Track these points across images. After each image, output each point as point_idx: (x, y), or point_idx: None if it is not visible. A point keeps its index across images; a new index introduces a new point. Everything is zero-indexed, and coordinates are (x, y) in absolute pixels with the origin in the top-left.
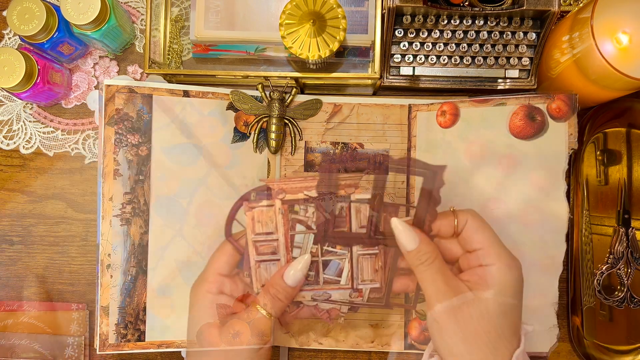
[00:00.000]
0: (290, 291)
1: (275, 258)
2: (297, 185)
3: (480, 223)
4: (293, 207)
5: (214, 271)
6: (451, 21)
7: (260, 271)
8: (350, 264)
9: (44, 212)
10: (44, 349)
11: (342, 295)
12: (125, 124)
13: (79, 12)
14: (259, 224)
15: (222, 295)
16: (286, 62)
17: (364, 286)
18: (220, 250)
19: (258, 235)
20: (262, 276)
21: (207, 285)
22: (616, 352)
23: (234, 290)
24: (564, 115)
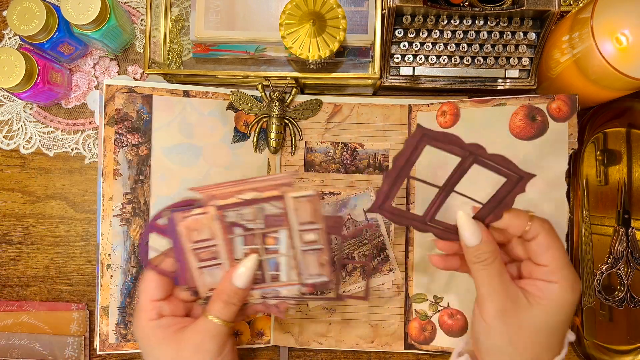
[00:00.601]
0: (242, 293)
1: (218, 262)
2: (228, 190)
3: (552, 240)
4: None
5: (147, 299)
6: (451, 21)
7: (204, 277)
8: (295, 260)
9: (44, 212)
10: (44, 349)
11: (291, 291)
12: (125, 124)
13: (79, 12)
14: (194, 232)
15: (164, 318)
16: (286, 62)
17: (312, 281)
18: (146, 280)
19: (196, 243)
20: (207, 282)
21: (145, 315)
22: (616, 352)
23: (174, 310)
24: (564, 115)
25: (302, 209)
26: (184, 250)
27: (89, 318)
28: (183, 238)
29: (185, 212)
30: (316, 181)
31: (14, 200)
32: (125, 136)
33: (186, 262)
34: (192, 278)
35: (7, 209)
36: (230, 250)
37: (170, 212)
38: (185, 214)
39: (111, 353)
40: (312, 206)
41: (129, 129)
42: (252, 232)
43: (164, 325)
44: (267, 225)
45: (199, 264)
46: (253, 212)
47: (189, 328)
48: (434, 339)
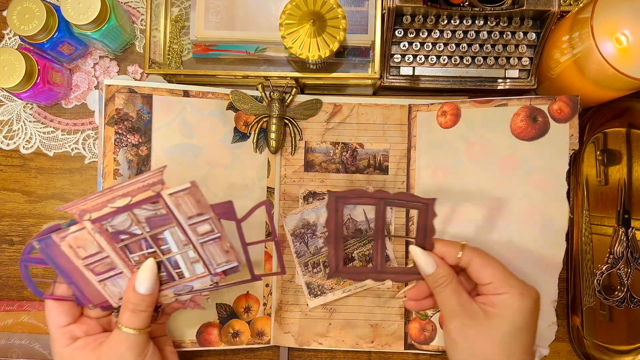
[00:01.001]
0: (148, 299)
1: (118, 272)
2: (97, 202)
3: (486, 259)
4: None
5: (55, 327)
6: (451, 21)
7: (109, 289)
8: (197, 253)
9: (44, 212)
10: (44, 349)
11: (204, 283)
12: (125, 124)
13: (79, 12)
14: (80, 249)
15: (79, 340)
16: (286, 62)
17: (221, 269)
18: (47, 309)
19: (86, 259)
20: (114, 292)
21: (59, 342)
22: (616, 352)
23: (88, 330)
24: (565, 116)
25: (184, 203)
26: (76, 269)
27: None
28: (72, 257)
29: (62, 231)
30: (316, 181)
31: (14, 200)
32: (125, 136)
33: (83, 280)
34: (95, 293)
35: (7, 209)
36: (126, 258)
37: (39, 241)
38: (62, 234)
39: None
40: (193, 198)
41: (129, 129)
42: (141, 236)
43: (81, 347)
44: (153, 227)
45: (98, 278)
46: (133, 217)
47: (105, 343)
48: (434, 339)
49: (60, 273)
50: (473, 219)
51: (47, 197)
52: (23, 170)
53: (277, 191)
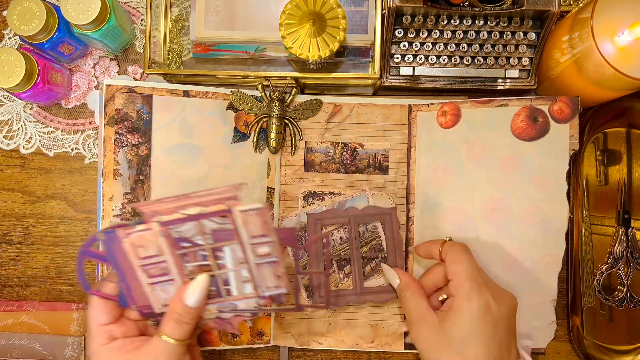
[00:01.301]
0: (194, 312)
1: (169, 278)
2: (170, 206)
3: (455, 256)
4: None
5: (95, 325)
6: (451, 21)
7: (156, 293)
8: (250, 273)
9: (44, 212)
10: (44, 349)
11: (248, 304)
12: (125, 124)
13: (79, 12)
14: (140, 248)
15: (117, 341)
16: (286, 62)
17: (269, 293)
18: (90, 306)
19: (144, 260)
20: (160, 298)
21: (97, 340)
22: (616, 352)
23: (126, 331)
24: (565, 117)
25: (251, 222)
26: (131, 267)
27: None
28: (129, 255)
29: (129, 228)
30: (316, 181)
31: (14, 200)
32: (125, 136)
33: (134, 280)
34: (142, 295)
35: (7, 209)
36: (181, 266)
37: (105, 233)
38: (128, 231)
39: None
40: (261, 219)
41: (129, 129)
42: (202, 247)
43: (118, 348)
44: (216, 240)
45: (150, 280)
46: (200, 227)
47: (144, 347)
48: None
49: (115, 268)
50: (473, 219)
51: (47, 197)
52: (23, 170)
53: (277, 191)
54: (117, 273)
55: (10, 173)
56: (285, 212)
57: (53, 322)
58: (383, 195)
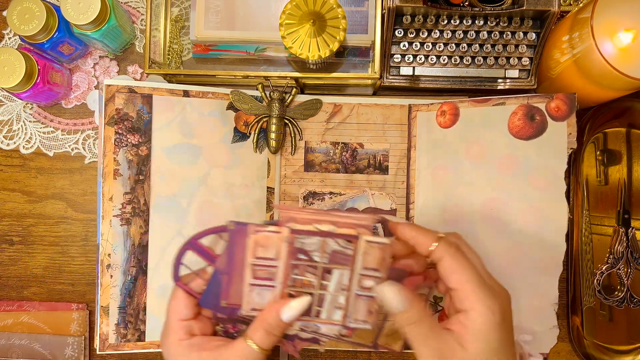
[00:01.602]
0: (285, 327)
1: (271, 284)
2: (307, 217)
3: (456, 263)
4: (301, 237)
5: (176, 319)
6: (451, 21)
7: (252, 295)
8: (346, 301)
9: (44, 212)
10: (44, 349)
11: (331, 330)
12: (125, 124)
13: (79, 12)
14: (261, 248)
15: (196, 338)
16: (286, 62)
17: (356, 326)
18: (174, 298)
19: (258, 259)
20: (253, 300)
21: (175, 335)
22: (616, 352)
23: (203, 329)
24: (563, 115)
25: (371, 254)
26: (241, 263)
27: (89, 318)
28: (248, 252)
29: (260, 226)
30: (316, 181)
31: (14, 200)
32: (125, 136)
33: (238, 276)
34: (238, 293)
35: (7, 209)
36: (287, 276)
37: (236, 224)
38: (258, 228)
39: (111, 353)
40: (381, 254)
41: (129, 129)
42: (315, 264)
43: (196, 345)
44: (331, 261)
45: (252, 281)
46: (324, 244)
47: (225, 349)
48: None
49: (227, 260)
50: (472, 219)
51: (47, 197)
52: (23, 170)
53: (277, 191)
54: (227, 264)
55: (10, 173)
56: None
57: (53, 322)
58: (383, 195)
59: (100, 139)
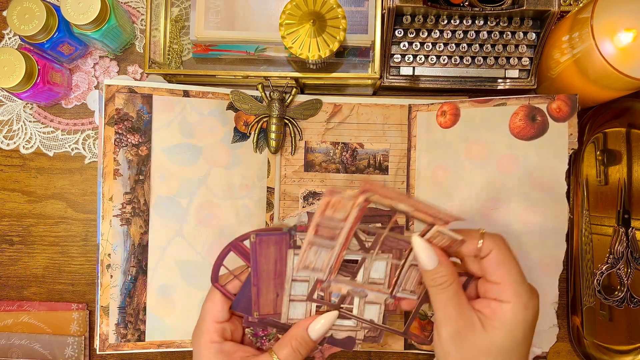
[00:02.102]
0: (312, 345)
1: (330, 245)
2: (389, 194)
3: (505, 256)
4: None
5: (211, 320)
6: (451, 21)
7: (308, 254)
8: (400, 269)
9: (44, 212)
10: (44, 349)
11: (378, 298)
12: (125, 124)
13: (79, 12)
14: (331, 209)
15: (227, 342)
16: (286, 62)
17: (403, 295)
18: (211, 299)
19: (324, 219)
20: (308, 259)
21: (208, 336)
22: (616, 352)
23: (234, 332)
24: (564, 115)
25: (438, 241)
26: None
27: (89, 318)
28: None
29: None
30: (316, 181)
31: (14, 200)
32: (125, 136)
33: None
34: (269, 303)
35: (7, 209)
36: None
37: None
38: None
39: (111, 353)
40: (447, 245)
41: (129, 129)
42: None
43: (225, 352)
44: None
45: (313, 239)
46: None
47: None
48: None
49: (253, 271)
50: (472, 219)
51: (47, 197)
52: (23, 170)
53: (277, 191)
54: (254, 275)
55: (10, 173)
56: (285, 212)
57: (53, 322)
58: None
59: (100, 139)
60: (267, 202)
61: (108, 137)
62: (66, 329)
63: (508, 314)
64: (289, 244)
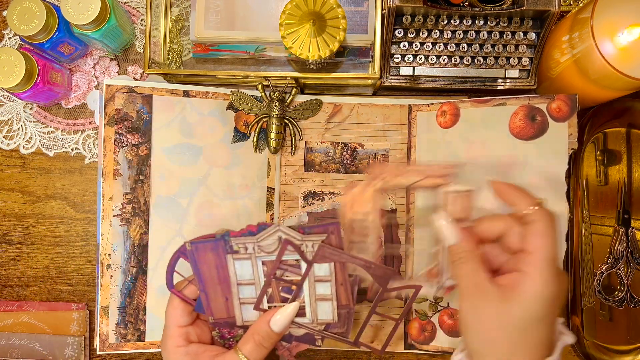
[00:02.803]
0: (276, 338)
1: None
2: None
3: (548, 230)
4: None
5: (174, 325)
6: (451, 21)
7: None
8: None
9: (44, 212)
10: (44, 349)
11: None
12: (125, 124)
13: (79, 12)
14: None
15: (192, 346)
16: (286, 62)
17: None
18: (171, 304)
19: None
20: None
21: (173, 341)
22: (616, 352)
23: (201, 335)
24: (564, 115)
25: (456, 204)
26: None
27: (89, 318)
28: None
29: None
30: (316, 181)
31: (14, 200)
32: (125, 136)
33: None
34: (220, 307)
35: (7, 209)
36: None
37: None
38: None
39: (111, 353)
40: (465, 203)
41: (129, 129)
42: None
43: (192, 353)
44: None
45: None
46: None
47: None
48: (434, 339)
49: (197, 278)
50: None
51: (47, 197)
52: (23, 170)
53: (277, 191)
54: (198, 281)
55: (10, 173)
56: (285, 212)
57: (53, 322)
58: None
59: (100, 139)
60: (267, 202)
61: (108, 137)
62: (66, 329)
63: (527, 286)
64: (225, 249)
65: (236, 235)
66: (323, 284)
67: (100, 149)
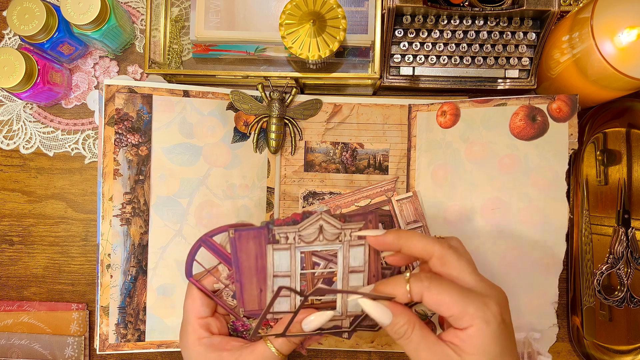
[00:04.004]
0: (304, 336)
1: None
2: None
3: (436, 291)
4: None
5: (195, 317)
6: (451, 21)
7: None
8: None
9: (44, 212)
10: (44, 349)
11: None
12: (125, 124)
13: (79, 12)
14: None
15: (215, 337)
16: (286, 62)
17: None
18: (190, 297)
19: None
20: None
21: (195, 334)
22: (616, 352)
23: (219, 326)
24: (564, 115)
25: (405, 209)
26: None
27: (89, 318)
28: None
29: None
30: (316, 181)
31: (14, 200)
32: (125, 136)
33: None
34: (253, 299)
35: (7, 209)
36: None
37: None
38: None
39: (111, 353)
40: (412, 206)
41: (129, 129)
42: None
43: (216, 345)
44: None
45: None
46: None
47: (246, 350)
48: None
49: (235, 267)
50: (472, 219)
51: (47, 197)
52: (23, 170)
53: (277, 191)
54: (236, 272)
55: (10, 173)
56: (285, 212)
57: (53, 322)
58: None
59: (100, 139)
60: (267, 202)
61: (108, 137)
62: (66, 329)
63: (475, 339)
64: (267, 238)
65: (280, 224)
66: (356, 275)
67: (100, 149)
